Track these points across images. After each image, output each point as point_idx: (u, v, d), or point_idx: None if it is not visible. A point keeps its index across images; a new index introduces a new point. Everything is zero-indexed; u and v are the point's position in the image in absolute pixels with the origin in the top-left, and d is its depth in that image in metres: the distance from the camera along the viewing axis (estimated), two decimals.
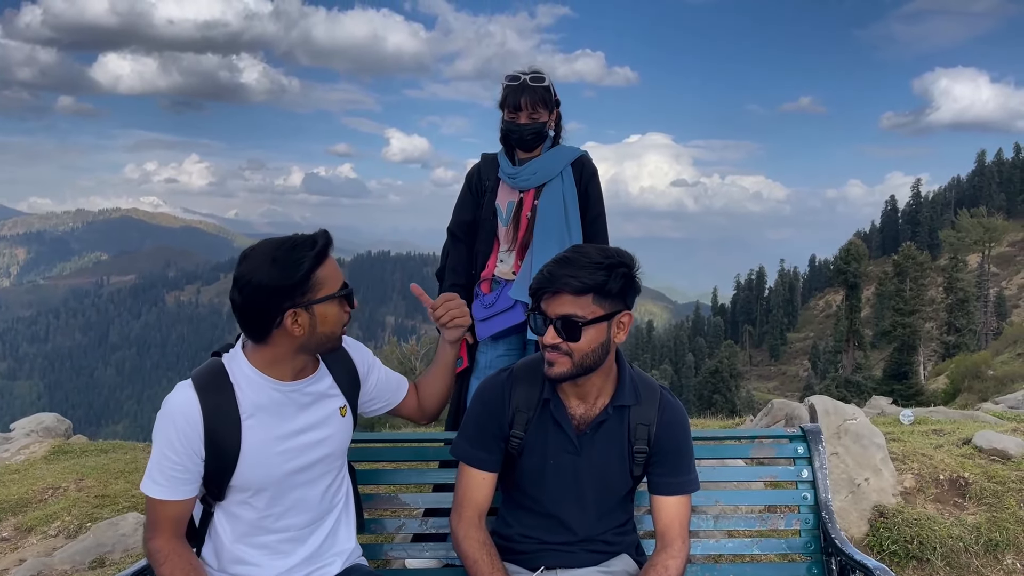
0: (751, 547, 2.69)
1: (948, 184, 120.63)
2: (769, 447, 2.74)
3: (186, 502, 2.00)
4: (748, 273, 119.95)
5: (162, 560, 1.96)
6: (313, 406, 2.11)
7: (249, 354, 2.03)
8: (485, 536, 2.18)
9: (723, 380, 64.97)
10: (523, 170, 3.36)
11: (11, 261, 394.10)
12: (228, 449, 1.97)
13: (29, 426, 7.30)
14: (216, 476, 1.99)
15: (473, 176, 3.54)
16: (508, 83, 3.32)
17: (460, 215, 3.53)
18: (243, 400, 2.00)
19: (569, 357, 2.06)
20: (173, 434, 1.94)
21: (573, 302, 2.03)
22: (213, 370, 2.02)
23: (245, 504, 2.05)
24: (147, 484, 1.98)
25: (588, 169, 3.40)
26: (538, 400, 2.21)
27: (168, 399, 1.98)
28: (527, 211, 3.35)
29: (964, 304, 63.14)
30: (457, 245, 3.51)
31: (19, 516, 4.56)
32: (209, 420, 1.95)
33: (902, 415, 6.26)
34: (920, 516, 4.04)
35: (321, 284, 1.96)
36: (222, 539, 2.07)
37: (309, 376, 2.11)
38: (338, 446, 2.18)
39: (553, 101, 3.36)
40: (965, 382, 34.00)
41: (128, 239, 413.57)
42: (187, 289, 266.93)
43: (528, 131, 3.30)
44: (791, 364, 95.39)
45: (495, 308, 3.34)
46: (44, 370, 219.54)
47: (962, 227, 78.55)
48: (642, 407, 2.22)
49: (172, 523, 1.99)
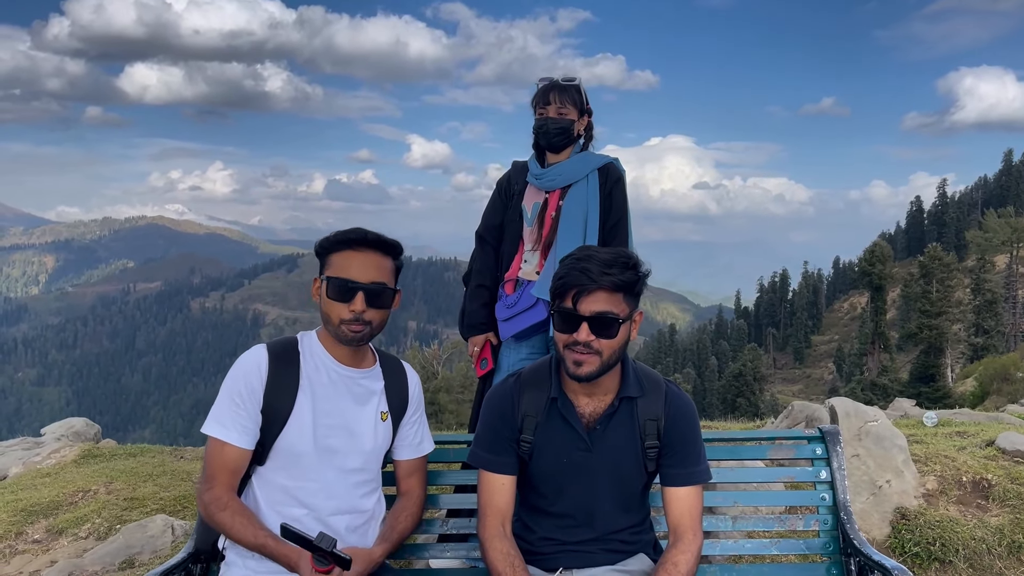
0: (770, 548, 2.70)
1: (975, 184, 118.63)
2: (788, 448, 2.76)
3: (243, 453, 2.14)
4: (771, 276, 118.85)
5: (222, 507, 2.09)
6: (361, 399, 2.27)
7: (319, 332, 2.27)
8: (509, 546, 2.20)
9: (747, 383, 64.43)
10: (550, 171, 3.42)
11: (40, 269, 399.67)
12: (281, 410, 2.15)
13: (59, 431, 7.44)
14: (264, 435, 2.16)
15: (503, 182, 3.62)
16: (540, 82, 3.43)
17: (489, 219, 3.60)
18: (304, 372, 2.20)
19: (599, 356, 2.09)
20: (242, 384, 2.15)
21: (608, 299, 2.07)
22: (287, 342, 2.26)
23: (281, 470, 2.18)
24: (211, 425, 2.14)
25: (613, 175, 3.43)
26: (546, 403, 2.24)
27: (242, 356, 2.20)
28: (551, 211, 3.40)
29: (992, 305, 62.19)
30: (485, 248, 3.58)
31: (50, 519, 4.65)
32: (272, 380, 2.16)
33: (925, 417, 6.22)
34: (942, 518, 4.01)
35: (332, 265, 2.17)
36: (258, 505, 2.19)
37: (365, 368, 2.29)
38: (371, 444, 2.27)
39: (584, 104, 3.42)
40: (994, 384, 33.49)
41: (154, 247, 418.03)
42: (212, 296, 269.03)
43: (555, 125, 3.36)
44: (816, 367, 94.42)
45: (517, 307, 3.37)
46: (73, 376, 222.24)
47: (989, 227, 77.37)
48: (648, 401, 2.24)
49: (229, 474, 2.13)
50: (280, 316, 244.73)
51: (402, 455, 2.42)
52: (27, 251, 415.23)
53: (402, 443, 2.41)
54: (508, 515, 2.27)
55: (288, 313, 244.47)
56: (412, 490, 2.43)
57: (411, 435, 2.42)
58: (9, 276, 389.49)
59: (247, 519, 2.09)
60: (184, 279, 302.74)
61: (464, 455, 2.74)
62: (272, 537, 2.07)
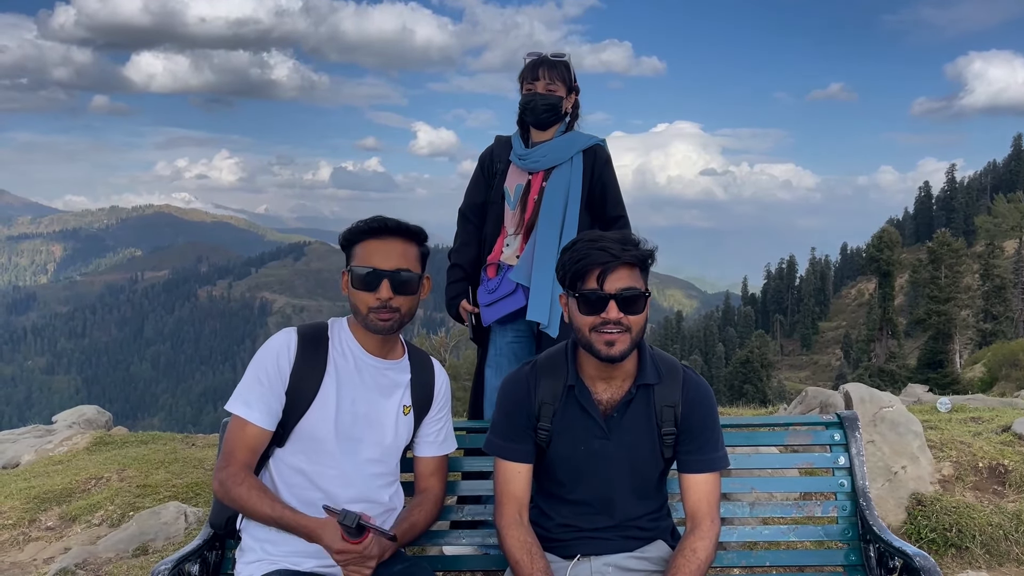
0: (787, 534, 2.68)
1: (984, 169, 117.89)
2: (805, 434, 2.73)
3: (264, 433, 2.14)
4: (779, 262, 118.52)
5: (239, 481, 2.08)
6: (385, 390, 2.26)
7: (350, 319, 2.27)
8: (526, 535, 2.18)
9: (754, 370, 64.43)
10: (533, 152, 3.34)
11: (48, 258, 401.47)
12: (306, 394, 2.15)
13: (71, 418, 7.47)
14: (286, 417, 2.16)
15: (486, 158, 3.52)
16: (528, 57, 3.36)
17: (471, 197, 3.53)
18: (331, 358, 2.20)
19: (628, 333, 2.07)
20: (270, 364, 2.16)
21: (630, 275, 2.07)
22: (317, 326, 2.26)
23: (300, 453, 2.18)
24: (235, 404, 2.15)
25: (601, 157, 3.35)
26: (563, 390, 2.22)
27: (272, 337, 2.21)
28: (534, 194, 3.33)
29: (1001, 291, 61.86)
30: (467, 227, 3.51)
31: (63, 506, 4.66)
32: (299, 363, 2.16)
33: (939, 403, 6.18)
34: (959, 504, 3.99)
35: (356, 256, 2.17)
36: (274, 487, 2.19)
37: (393, 360, 2.29)
38: (391, 436, 2.26)
39: (572, 81, 3.35)
40: (1002, 370, 33.37)
41: (161, 235, 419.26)
42: (219, 284, 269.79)
43: (543, 102, 3.28)
44: (823, 353, 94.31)
45: (497, 293, 3.34)
46: (82, 364, 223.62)
47: (998, 213, 76.98)
48: (665, 387, 2.22)
49: (248, 452, 2.13)
50: (287, 304, 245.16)
51: (424, 452, 2.40)
52: (35, 240, 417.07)
53: (424, 440, 2.39)
54: (525, 503, 2.25)
55: (295, 301, 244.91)
56: (431, 489, 2.39)
57: (434, 433, 2.39)
58: (18, 265, 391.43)
59: (264, 492, 2.08)
60: (191, 267, 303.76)
61: (463, 442, 2.71)
62: (290, 509, 2.06)
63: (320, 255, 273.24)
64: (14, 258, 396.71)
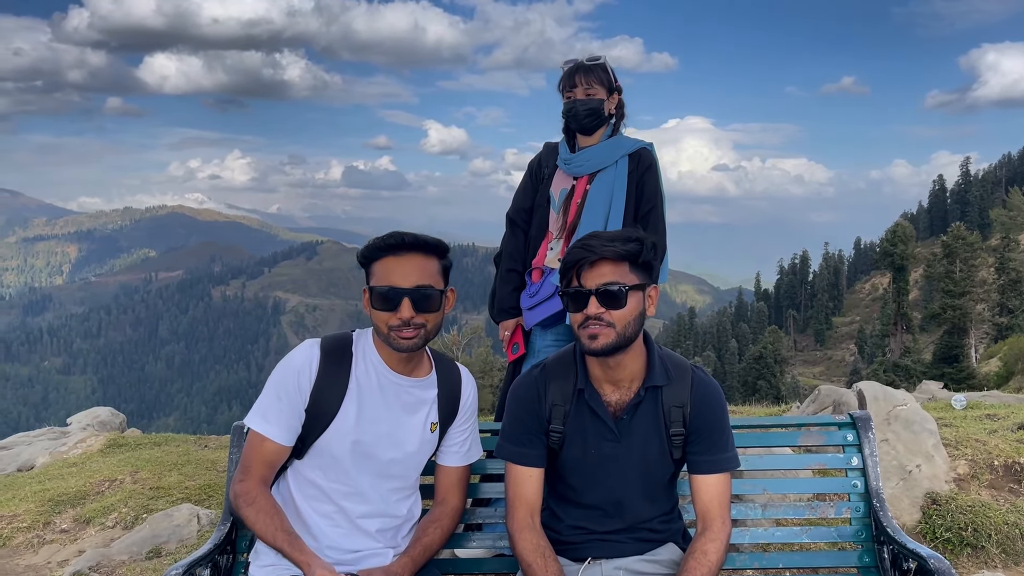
0: (800, 536, 2.66)
1: (999, 162, 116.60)
2: (817, 434, 2.70)
3: (282, 449, 2.13)
4: (792, 257, 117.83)
5: (250, 501, 2.08)
6: (410, 408, 2.22)
7: (375, 335, 2.19)
8: (538, 538, 2.17)
9: (767, 366, 64.12)
10: (578, 156, 3.36)
11: (63, 259, 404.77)
12: (327, 411, 2.12)
13: (85, 420, 7.51)
14: (306, 432, 2.13)
15: (535, 164, 3.57)
16: (565, 65, 3.37)
17: (520, 202, 3.55)
18: (354, 375, 2.16)
19: (612, 328, 2.05)
20: (291, 381, 2.12)
21: (613, 270, 2.05)
22: (341, 339, 2.21)
23: (317, 469, 2.17)
24: (254, 419, 2.13)
25: (645, 161, 3.34)
26: (572, 392, 2.21)
27: (294, 351, 2.16)
28: (578, 198, 3.34)
29: (1016, 285, 61.28)
30: (515, 231, 3.54)
31: (77, 508, 4.69)
32: (321, 379, 2.12)
33: (954, 400, 6.13)
34: (974, 503, 3.95)
35: (375, 274, 2.10)
36: (291, 496, 2.18)
37: (418, 377, 2.23)
38: (413, 458, 2.24)
39: (612, 82, 3.35)
40: (1019, 364, 33.14)
41: (174, 236, 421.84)
42: (232, 284, 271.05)
43: (583, 107, 3.29)
44: (837, 349, 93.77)
45: (539, 296, 3.34)
46: (97, 365, 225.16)
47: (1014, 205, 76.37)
48: (674, 387, 2.21)
49: (264, 467, 2.12)
50: (300, 303, 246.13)
51: (447, 461, 2.36)
52: (50, 241, 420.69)
53: (448, 449, 2.35)
54: (537, 507, 2.24)
55: (308, 300, 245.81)
56: (449, 500, 2.34)
57: (459, 442, 2.35)
58: (34, 266, 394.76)
59: (270, 518, 2.07)
60: (205, 267, 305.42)
61: (488, 444, 2.71)
62: (288, 541, 2.05)
63: (332, 254, 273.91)
64: (30, 259, 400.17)
